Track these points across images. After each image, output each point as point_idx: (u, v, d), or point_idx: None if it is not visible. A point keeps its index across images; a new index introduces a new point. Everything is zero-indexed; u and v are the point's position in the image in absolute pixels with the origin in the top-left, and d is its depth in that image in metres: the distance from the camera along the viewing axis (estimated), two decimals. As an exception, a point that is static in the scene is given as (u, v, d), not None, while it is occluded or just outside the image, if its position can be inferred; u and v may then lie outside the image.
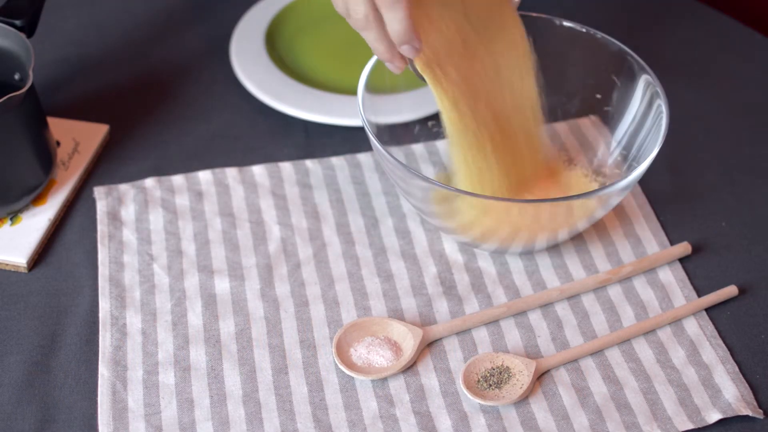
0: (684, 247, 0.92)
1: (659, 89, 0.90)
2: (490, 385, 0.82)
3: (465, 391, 0.81)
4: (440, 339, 0.86)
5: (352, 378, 0.83)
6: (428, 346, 0.85)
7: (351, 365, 0.83)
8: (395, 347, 0.84)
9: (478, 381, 0.82)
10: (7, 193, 0.92)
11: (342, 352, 0.84)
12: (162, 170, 1.00)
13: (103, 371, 0.83)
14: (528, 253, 0.92)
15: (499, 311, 0.87)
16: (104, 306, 0.88)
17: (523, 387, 0.82)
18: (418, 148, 1.00)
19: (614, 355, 0.85)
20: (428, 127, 1.00)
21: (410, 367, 0.84)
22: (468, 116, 0.87)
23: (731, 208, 0.97)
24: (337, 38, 1.14)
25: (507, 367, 0.83)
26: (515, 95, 0.91)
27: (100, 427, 0.80)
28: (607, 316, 0.88)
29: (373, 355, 0.84)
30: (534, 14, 0.98)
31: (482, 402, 0.81)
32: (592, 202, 0.85)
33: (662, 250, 0.92)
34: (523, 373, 0.83)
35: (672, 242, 0.94)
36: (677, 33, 1.16)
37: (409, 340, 0.84)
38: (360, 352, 0.84)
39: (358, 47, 1.11)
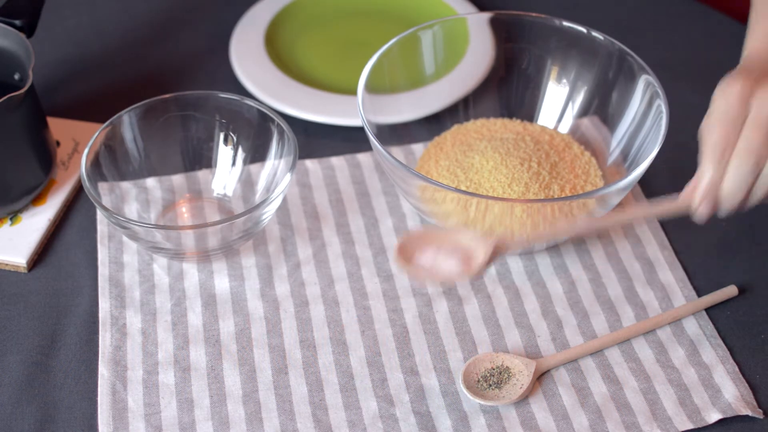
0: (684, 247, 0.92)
1: (659, 89, 0.90)
2: (490, 385, 0.82)
3: (465, 391, 0.81)
4: (440, 338, 0.86)
5: (352, 378, 0.83)
6: (428, 346, 0.85)
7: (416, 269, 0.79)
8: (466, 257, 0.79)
9: (478, 381, 0.82)
10: (7, 193, 0.92)
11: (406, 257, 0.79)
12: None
13: (103, 371, 0.83)
14: (528, 253, 0.92)
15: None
16: (104, 306, 0.88)
17: (523, 387, 0.82)
18: (418, 148, 1.00)
19: (614, 355, 0.85)
20: (428, 127, 1.00)
21: (410, 367, 0.84)
22: None
23: (731, 208, 0.97)
24: (337, 38, 1.14)
25: (507, 367, 0.83)
26: None
27: (100, 427, 0.80)
28: (607, 316, 0.88)
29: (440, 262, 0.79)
30: (534, 14, 0.98)
31: (482, 402, 0.81)
32: (592, 202, 0.85)
33: (662, 250, 0.92)
34: (523, 373, 0.83)
35: (672, 242, 0.93)
36: (677, 33, 1.16)
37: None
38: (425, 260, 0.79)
39: (358, 47, 1.12)
